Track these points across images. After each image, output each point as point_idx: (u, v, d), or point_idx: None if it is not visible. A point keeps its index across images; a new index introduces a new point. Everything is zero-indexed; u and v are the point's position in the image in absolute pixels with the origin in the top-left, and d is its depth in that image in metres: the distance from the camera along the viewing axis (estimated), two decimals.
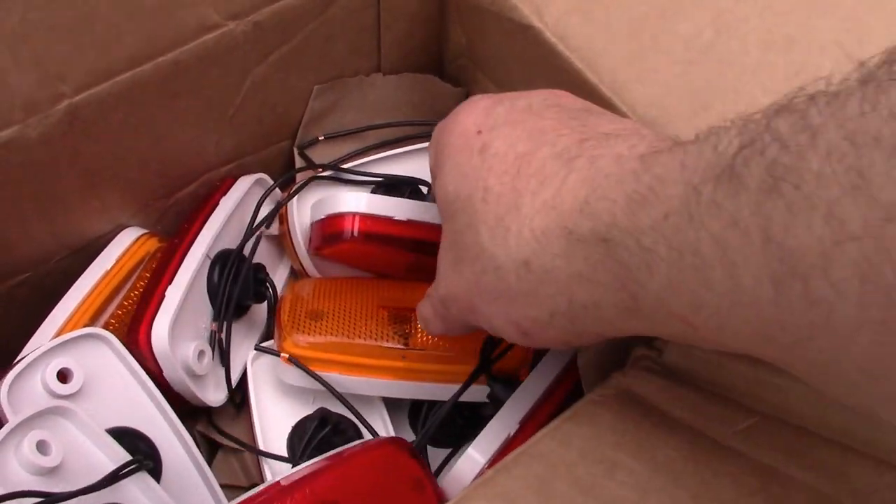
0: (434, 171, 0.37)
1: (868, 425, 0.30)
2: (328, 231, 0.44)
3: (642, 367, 0.36)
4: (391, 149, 0.50)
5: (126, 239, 0.46)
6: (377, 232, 0.43)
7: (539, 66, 0.44)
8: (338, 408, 0.44)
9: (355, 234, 0.43)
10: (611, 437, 0.32)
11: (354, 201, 0.44)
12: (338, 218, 0.43)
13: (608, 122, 0.33)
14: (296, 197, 0.47)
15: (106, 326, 0.44)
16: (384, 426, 0.45)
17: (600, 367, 0.40)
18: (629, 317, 0.28)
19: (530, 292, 0.30)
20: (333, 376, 0.44)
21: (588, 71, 0.42)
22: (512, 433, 0.40)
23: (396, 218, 0.43)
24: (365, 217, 0.43)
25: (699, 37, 0.41)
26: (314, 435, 0.43)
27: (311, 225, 0.46)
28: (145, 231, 0.47)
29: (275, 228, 0.49)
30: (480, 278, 0.32)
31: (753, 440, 0.31)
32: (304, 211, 0.47)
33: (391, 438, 0.41)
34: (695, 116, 0.39)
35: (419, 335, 0.45)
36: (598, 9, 0.43)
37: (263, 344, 0.46)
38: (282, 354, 0.43)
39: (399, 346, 0.44)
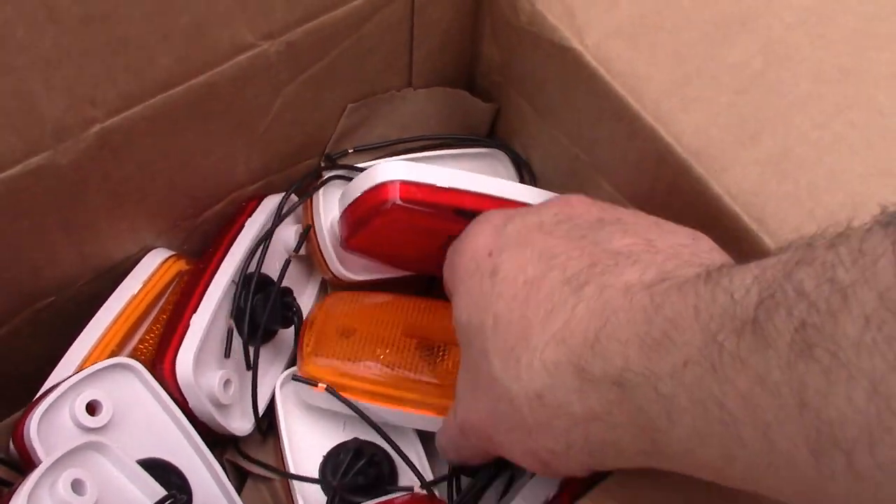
0: (449, 294, 0.36)
1: None
2: (369, 203, 0.41)
3: None
4: (421, 153, 0.50)
5: (153, 261, 0.45)
6: (421, 200, 0.41)
7: (579, 89, 0.43)
8: (368, 435, 0.44)
9: (398, 202, 0.40)
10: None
11: (394, 169, 0.41)
12: (379, 188, 0.41)
13: (620, 235, 0.32)
14: (321, 193, 0.47)
15: (134, 353, 0.43)
16: (417, 457, 0.44)
17: None
18: (651, 458, 0.27)
19: (545, 424, 0.29)
20: (361, 404, 0.43)
21: (630, 98, 0.41)
22: (551, 497, 0.38)
23: (439, 185, 0.41)
24: (407, 184, 0.41)
25: (748, 65, 0.40)
26: (350, 466, 0.42)
27: (346, 208, 0.43)
28: (172, 252, 0.46)
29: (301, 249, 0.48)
30: (496, 407, 0.31)
31: None
32: (330, 207, 0.46)
33: (429, 497, 0.40)
34: (742, 148, 0.38)
35: (447, 362, 0.44)
36: (642, 33, 0.42)
37: (286, 372, 0.45)
38: (318, 384, 0.42)
39: (432, 381, 0.43)
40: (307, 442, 0.44)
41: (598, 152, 0.45)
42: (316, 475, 0.43)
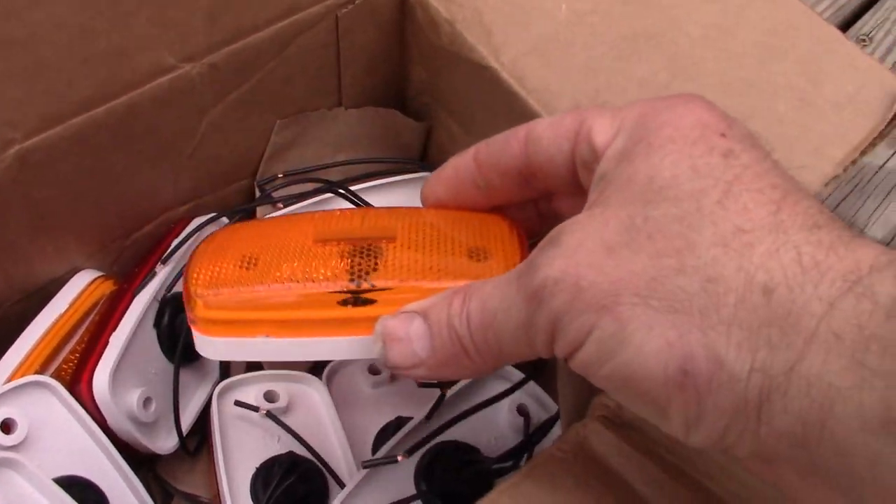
0: (622, 141, 0.28)
1: None
2: None
3: (602, 418, 0.36)
4: (354, 184, 0.50)
5: (80, 282, 0.45)
6: None
7: (498, 106, 0.44)
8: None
9: None
10: None
11: None
12: None
13: None
14: None
15: (58, 372, 0.43)
16: (348, 473, 0.44)
17: (578, 403, 0.38)
18: (865, 434, 0.21)
19: (743, 323, 0.23)
20: (282, 343, 0.32)
21: (545, 112, 0.42)
22: None
23: None
24: None
25: (655, 78, 0.41)
26: (281, 482, 0.42)
27: None
28: (100, 274, 0.46)
29: None
30: (667, 277, 0.24)
31: None
32: None
33: None
34: None
35: (392, 257, 0.32)
36: (554, 50, 0.43)
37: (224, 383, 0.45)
38: (259, 409, 0.42)
39: (378, 286, 0.32)
40: (241, 455, 0.44)
41: None
42: (248, 489, 0.44)
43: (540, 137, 0.32)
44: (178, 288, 0.45)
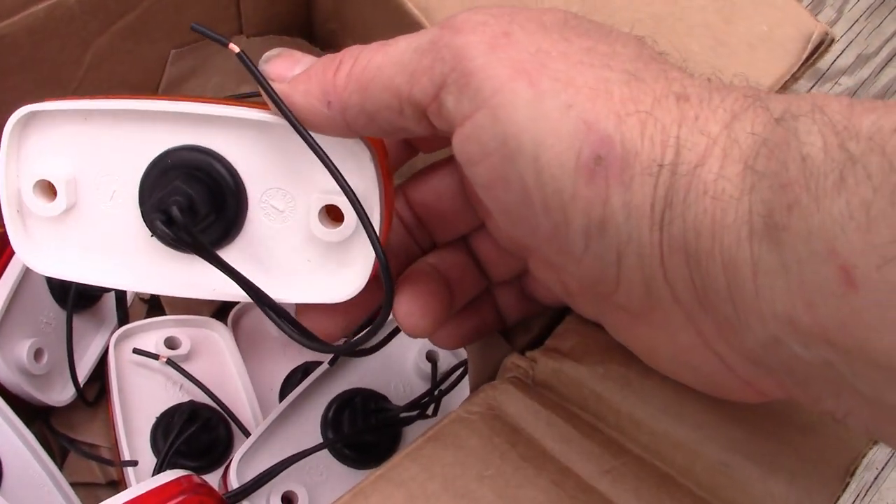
0: None
1: (738, 490, 0.29)
2: None
3: (512, 379, 0.35)
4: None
5: None
6: None
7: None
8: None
9: None
10: (476, 467, 0.30)
11: None
12: None
13: None
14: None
15: None
16: (254, 422, 0.43)
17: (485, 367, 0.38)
18: (765, 237, 0.20)
19: (658, 119, 0.22)
20: None
21: None
22: None
23: None
24: None
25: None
26: (182, 431, 0.41)
27: None
28: None
29: None
30: (594, 65, 0.23)
31: (620, 484, 0.30)
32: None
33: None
34: None
35: None
36: None
37: (122, 329, 0.43)
38: (160, 356, 0.40)
39: None
40: (140, 403, 0.43)
41: None
42: (148, 438, 0.42)
43: None
44: None
